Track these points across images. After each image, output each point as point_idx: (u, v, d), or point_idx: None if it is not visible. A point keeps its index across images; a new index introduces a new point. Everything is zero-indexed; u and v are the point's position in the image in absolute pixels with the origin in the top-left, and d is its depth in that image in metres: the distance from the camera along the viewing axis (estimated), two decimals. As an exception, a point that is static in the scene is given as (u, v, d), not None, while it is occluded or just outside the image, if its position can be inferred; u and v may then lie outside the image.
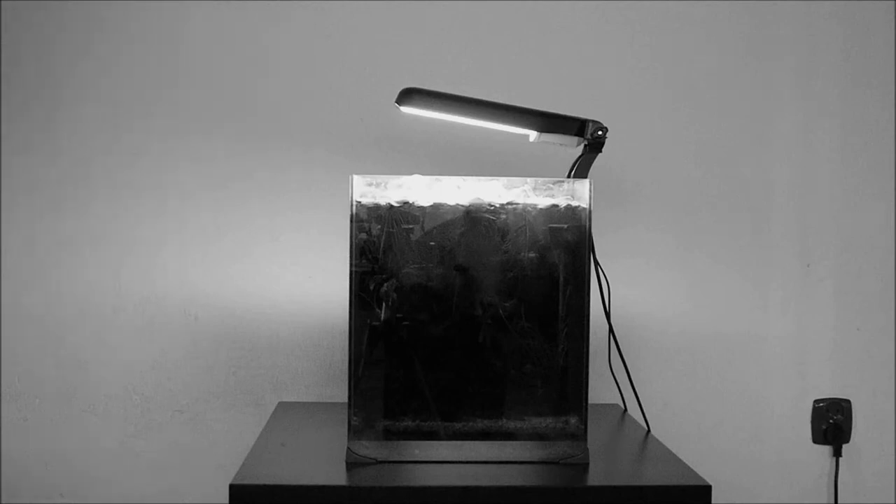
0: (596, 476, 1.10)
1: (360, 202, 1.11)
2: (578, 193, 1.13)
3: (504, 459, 1.12)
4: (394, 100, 1.19)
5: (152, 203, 1.53)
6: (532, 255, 1.13)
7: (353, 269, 1.11)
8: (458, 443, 1.12)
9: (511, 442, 1.13)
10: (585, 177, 1.19)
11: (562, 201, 1.13)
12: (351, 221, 1.11)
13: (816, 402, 1.62)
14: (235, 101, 1.53)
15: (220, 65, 1.52)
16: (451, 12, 1.54)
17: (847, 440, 1.62)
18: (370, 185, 1.11)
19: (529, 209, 1.12)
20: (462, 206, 1.12)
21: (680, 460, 1.17)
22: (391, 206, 1.11)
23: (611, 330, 1.31)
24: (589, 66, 1.57)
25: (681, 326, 1.59)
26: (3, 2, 1.25)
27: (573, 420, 1.14)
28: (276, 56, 1.53)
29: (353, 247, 1.11)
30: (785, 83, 1.59)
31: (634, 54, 1.58)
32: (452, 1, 1.54)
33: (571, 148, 1.22)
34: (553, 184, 1.13)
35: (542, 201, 1.13)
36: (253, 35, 1.53)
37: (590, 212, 1.12)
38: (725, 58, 1.59)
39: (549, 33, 1.56)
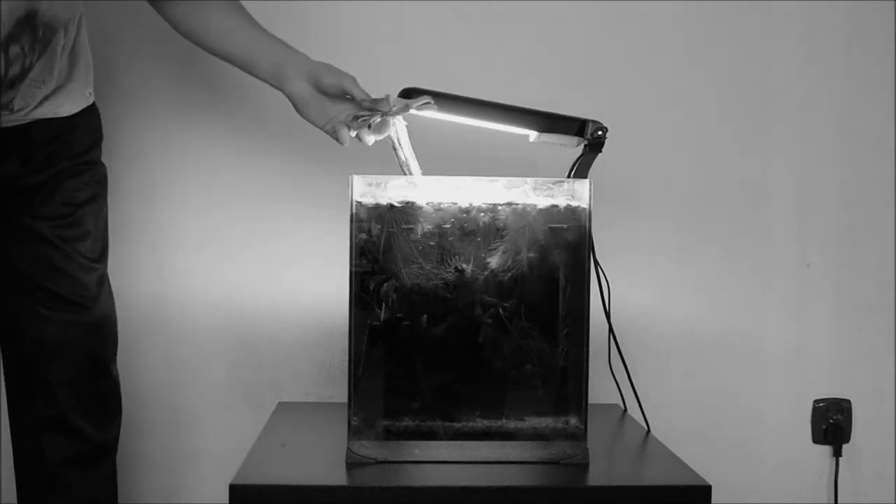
0: (596, 476, 1.10)
1: (360, 202, 1.11)
2: (578, 193, 1.13)
3: (504, 459, 1.12)
4: (394, 100, 1.19)
5: (152, 203, 1.53)
6: (532, 255, 1.13)
7: (353, 269, 1.11)
8: (458, 443, 1.12)
9: (511, 442, 1.13)
10: (585, 177, 1.19)
11: (562, 201, 1.13)
12: (351, 221, 1.11)
13: (816, 402, 1.62)
14: (235, 100, 1.52)
15: (219, 64, 1.52)
16: (451, 12, 1.54)
17: (847, 440, 1.62)
18: (370, 185, 1.11)
19: (529, 209, 1.12)
20: (462, 205, 1.12)
21: (680, 460, 1.17)
22: (391, 206, 1.11)
23: (611, 330, 1.31)
24: (589, 66, 1.57)
25: (681, 326, 1.59)
26: None
27: (573, 420, 1.14)
28: (276, 56, 1.53)
29: (353, 247, 1.11)
30: (785, 83, 1.59)
31: (634, 54, 1.58)
32: (452, 1, 1.54)
33: (571, 148, 1.22)
34: (553, 184, 1.13)
35: (542, 201, 1.13)
36: (253, 35, 1.52)
37: (590, 212, 1.12)
38: (726, 57, 1.59)
39: (548, 33, 1.56)
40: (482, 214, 1.12)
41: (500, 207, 1.12)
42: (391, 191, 1.11)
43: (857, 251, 1.61)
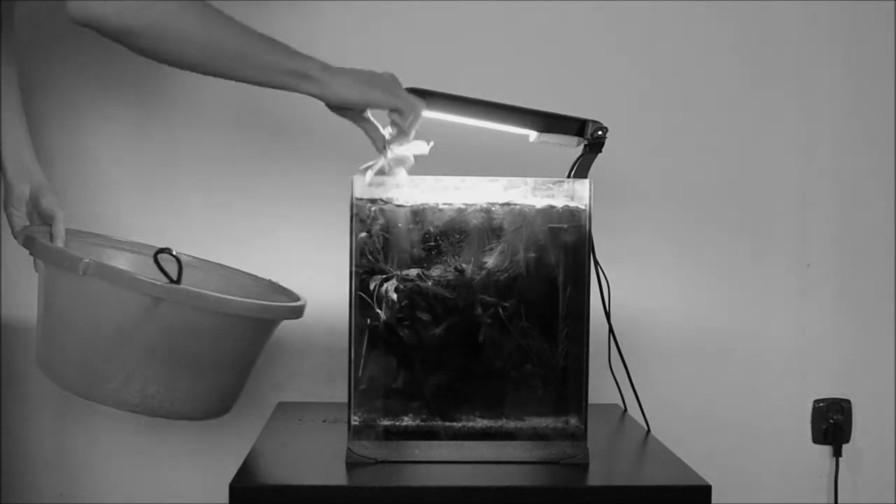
0: (596, 476, 1.10)
1: (360, 202, 1.11)
2: (578, 194, 1.13)
3: (504, 459, 1.12)
4: (394, 100, 1.18)
5: (151, 202, 1.53)
6: (532, 255, 1.13)
7: (353, 269, 1.11)
8: (458, 443, 1.12)
9: (511, 442, 1.13)
10: (585, 177, 1.19)
11: (562, 201, 1.13)
12: (351, 221, 1.11)
13: (816, 402, 1.62)
14: (235, 100, 1.52)
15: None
16: (451, 12, 1.54)
17: (847, 440, 1.62)
18: (370, 185, 1.11)
19: (529, 209, 1.12)
20: (462, 206, 1.12)
21: (680, 460, 1.17)
22: (391, 207, 1.11)
23: (611, 330, 1.31)
24: (589, 66, 1.57)
25: (681, 326, 1.59)
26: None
27: (573, 420, 1.14)
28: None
29: (353, 247, 1.11)
30: (785, 83, 1.59)
31: (634, 54, 1.58)
32: (452, 1, 1.54)
33: (571, 148, 1.22)
34: (553, 184, 1.13)
35: (543, 201, 1.13)
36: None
37: (590, 212, 1.12)
38: (725, 57, 1.59)
39: (548, 33, 1.56)
40: (482, 214, 1.12)
41: (499, 207, 1.12)
42: (391, 191, 1.12)
43: (857, 251, 1.61)
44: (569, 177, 1.20)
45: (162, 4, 1.00)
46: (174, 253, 1.12)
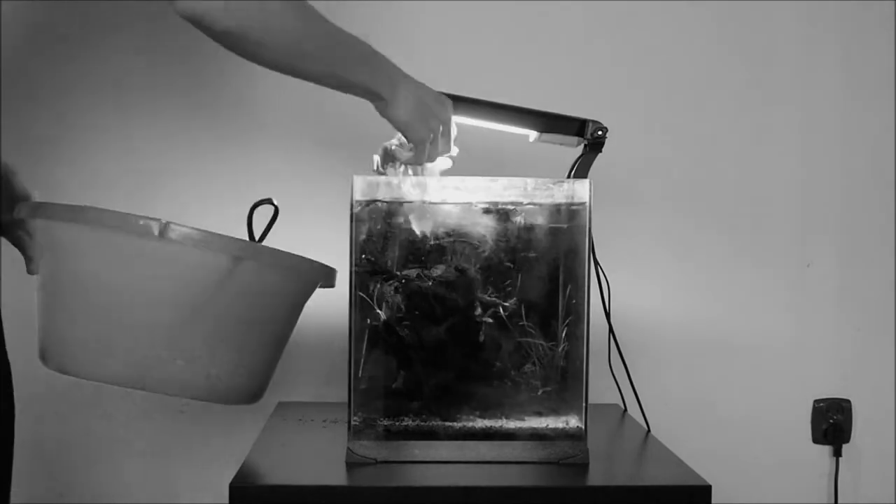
0: (596, 476, 1.10)
1: (360, 202, 1.11)
2: (578, 193, 1.13)
3: (504, 459, 1.12)
4: (394, 100, 1.18)
5: (149, 204, 1.53)
6: (532, 255, 1.13)
7: (353, 269, 1.11)
8: (458, 443, 1.12)
9: (511, 442, 1.13)
10: (585, 177, 1.19)
11: (562, 201, 1.13)
12: (351, 221, 1.11)
13: (816, 402, 1.62)
14: (235, 100, 1.52)
15: (220, 65, 1.52)
16: (452, 12, 1.54)
17: (847, 440, 1.62)
18: (370, 185, 1.11)
19: (529, 209, 1.12)
20: (462, 205, 1.12)
21: (680, 460, 1.17)
22: (391, 206, 1.11)
23: (611, 330, 1.31)
24: (589, 66, 1.57)
25: (681, 326, 1.59)
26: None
27: (573, 420, 1.14)
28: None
29: (353, 247, 1.11)
30: (785, 83, 1.59)
31: (634, 54, 1.58)
32: (453, 1, 1.54)
33: (571, 148, 1.22)
34: (553, 184, 1.13)
35: (542, 201, 1.13)
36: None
37: (590, 212, 1.12)
38: (726, 57, 1.59)
39: (548, 33, 1.56)
40: (482, 214, 1.12)
41: (500, 207, 1.12)
42: (391, 191, 1.11)
43: (857, 251, 1.61)
44: (569, 177, 1.20)
45: (268, 5, 0.96)
46: (275, 202, 1.03)
